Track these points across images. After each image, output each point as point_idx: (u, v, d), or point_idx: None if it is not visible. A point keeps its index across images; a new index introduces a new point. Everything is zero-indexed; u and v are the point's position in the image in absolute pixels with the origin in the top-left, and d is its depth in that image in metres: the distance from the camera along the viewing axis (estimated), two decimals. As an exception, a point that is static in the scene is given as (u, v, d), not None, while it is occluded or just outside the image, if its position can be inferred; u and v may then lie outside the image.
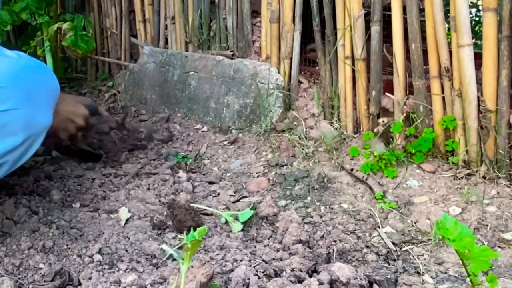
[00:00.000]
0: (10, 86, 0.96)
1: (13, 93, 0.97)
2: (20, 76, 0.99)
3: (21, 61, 1.02)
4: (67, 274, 0.96)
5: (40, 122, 1.04)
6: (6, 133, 0.97)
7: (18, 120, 0.98)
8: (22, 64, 1.01)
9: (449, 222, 0.80)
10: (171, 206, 1.21)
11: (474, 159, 1.37)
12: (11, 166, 1.04)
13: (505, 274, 1.03)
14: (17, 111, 0.97)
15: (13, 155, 1.01)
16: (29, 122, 1.00)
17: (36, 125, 1.03)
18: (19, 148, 1.01)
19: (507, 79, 1.27)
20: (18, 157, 1.03)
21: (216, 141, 1.84)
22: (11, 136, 0.98)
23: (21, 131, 0.99)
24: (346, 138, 1.64)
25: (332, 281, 0.95)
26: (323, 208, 1.33)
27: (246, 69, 1.87)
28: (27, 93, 0.99)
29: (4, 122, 0.96)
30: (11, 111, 0.96)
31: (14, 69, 0.98)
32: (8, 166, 1.03)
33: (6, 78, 0.96)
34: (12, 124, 0.97)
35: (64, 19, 2.44)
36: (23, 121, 0.99)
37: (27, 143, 1.02)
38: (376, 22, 1.51)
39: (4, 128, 0.97)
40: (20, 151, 1.02)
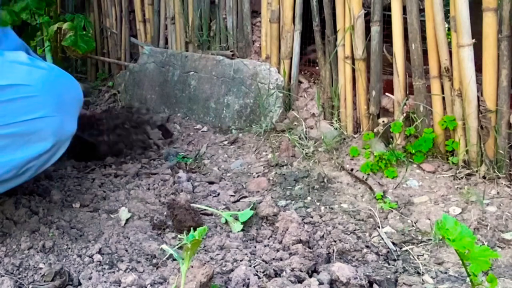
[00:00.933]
0: (44, 95, 1.04)
1: (47, 101, 1.04)
2: (52, 86, 1.07)
3: (53, 72, 1.10)
4: (67, 274, 0.96)
5: (68, 129, 1.11)
6: (37, 139, 1.04)
7: (50, 127, 1.05)
8: (54, 75, 1.09)
9: (449, 222, 0.80)
10: (171, 206, 1.21)
11: (474, 159, 1.37)
12: (35, 171, 1.10)
13: (505, 274, 1.03)
14: (50, 119, 1.05)
15: (40, 160, 1.07)
16: (59, 129, 1.07)
17: (64, 132, 1.10)
18: (47, 153, 1.07)
19: (507, 79, 1.28)
20: (43, 163, 1.09)
21: (216, 141, 1.84)
22: (41, 141, 1.05)
23: (52, 137, 1.06)
24: (346, 138, 1.64)
25: (332, 281, 0.95)
26: (323, 208, 1.33)
27: (246, 69, 1.87)
28: (58, 102, 1.07)
29: (37, 129, 1.04)
30: (45, 119, 1.04)
31: (47, 79, 1.06)
32: (33, 171, 1.09)
33: (41, 87, 1.04)
34: (44, 131, 1.05)
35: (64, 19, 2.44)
36: (55, 127, 1.06)
37: (54, 149, 1.08)
38: (376, 22, 1.51)
39: (36, 134, 1.04)
40: (46, 157, 1.08)
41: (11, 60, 1.03)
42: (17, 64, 1.03)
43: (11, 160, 1.01)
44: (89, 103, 2.36)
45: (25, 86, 1.01)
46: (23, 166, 1.04)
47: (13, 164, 1.02)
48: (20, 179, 1.08)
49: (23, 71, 1.02)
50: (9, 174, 1.03)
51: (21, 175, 1.06)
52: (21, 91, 1.01)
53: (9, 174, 1.03)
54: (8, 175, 1.03)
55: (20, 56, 1.06)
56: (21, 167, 1.04)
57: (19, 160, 1.02)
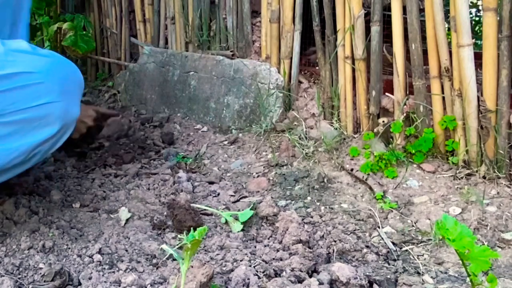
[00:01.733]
0: (48, 81, 1.07)
1: (52, 87, 1.08)
2: (56, 72, 1.10)
3: (55, 59, 1.13)
4: (67, 274, 0.96)
5: (72, 113, 1.14)
6: (45, 124, 1.08)
7: (56, 112, 1.09)
8: (56, 61, 1.12)
9: (449, 222, 0.80)
10: (171, 206, 1.21)
11: (474, 159, 1.37)
12: (42, 155, 1.14)
13: (505, 274, 1.03)
14: (55, 104, 1.08)
15: (47, 144, 1.11)
16: (64, 114, 1.11)
17: (69, 116, 1.13)
18: (54, 137, 1.11)
19: (507, 79, 1.28)
20: (50, 147, 1.14)
21: (216, 141, 1.84)
22: (49, 126, 1.09)
23: (58, 121, 1.10)
24: (346, 138, 1.64)
25: (332, 281, 0.95)
26: (323, 208, 1.33)
27: (246, 69, 1.87)
28: (63, 87, 1.10)
29: (44, 114, 1.07)
30: (50, 104, 1.07)
31: (51, 66, 1.09)
32: (40, 155, 1.13)
33: (44, 74, 1.07)
34: (51, 116, 1.08)
35: (64, 19, 2.44)
36: (61, 112, 1.10)
37: (60, 133, 1.12)
38: (376, 22, 1.51)
39: (44, 119, 1.07)
40: (53, 141, 1.12)
41: (14, 49, 1.06)
42: (20, 52, 1.06)
43: (21, 145, 1.05)
44: (89, 103, 2.36)
45: (30, 73, 1.04)
46: (32, 151, 1.08)
47: (23, 149, 1.06)
48: (28, 164, 1.13)
49: (27, 59, 1.06)
50: (19, 159, 1.07)
51: (30, 159, 1.11)
52: (26, 79, 1.04)
53: (19, 159, 1.07)
54: (18, 159, 1.07)
55: (22, 44, 1.08)
56: (30, 152, 1.08)
57: (28, 145, 1.06)
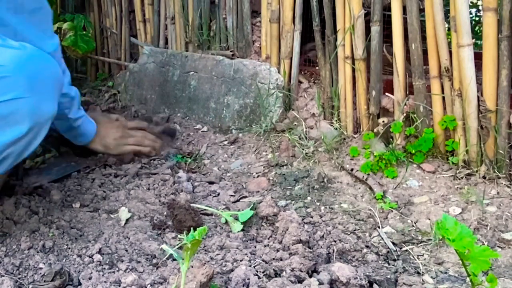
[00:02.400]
0: (15, 76, 0.97)
1: (18, 82, 0.98)
2: (24, 66, 1.00)
3: (25, 51, 1.03)
4: (67, 274, 0.96)
5: (45, 111, 1.05)
6: (12, 123, 0.98)
7: (23, 109, 0.99)
8: (26, 54, 1.02)
9: (449, 222, 0.80)
10: (171, 206, 1.21)
11: (474, 159, 1.37)
12: (15, 158, 1.05)
13: (505, 274, 1.03)
14: (23, 100, 0.98)
15: (18, 145, 1.02)
16: (35, 111, 1.01)
17: (41, 113, 1.04)
18: (25, 138, 1.02)
19: (507, 79, 1.27)
20: (22, 149, 1.04)
21: (216, 141, 1.84)
22: (16, 125, 0.99)
23: (27, 119, 1.00)
24: (346, 138, 1.64)
25: (332, 281, 0.95)
26: (323, 208, 1.33)
27: (246, 69, 1.87)
28: (32, 82, 1.00)
29: (10, 111, 0.97)
30: (17, 100, 0.97)
31: (18, 59, 1.00)
32: (13, 158, 1.04)
33: (11, 68, 0.97)
34: (18, 113, 0.98)
35: (64, 19, 2.44)
36: (29, 109, 1.00)
37: (32, 133, 1.03)
38: (376, 22, 1.51)
39: (10, 117, 0.98)
40: (25, 142, 1.03)
41: None
42: None
43: None
44: (89, 103, 2.36)
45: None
46: (0, 153, 1.00)
47: None
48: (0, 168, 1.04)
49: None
50: None
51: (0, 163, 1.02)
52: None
53: None
54: None
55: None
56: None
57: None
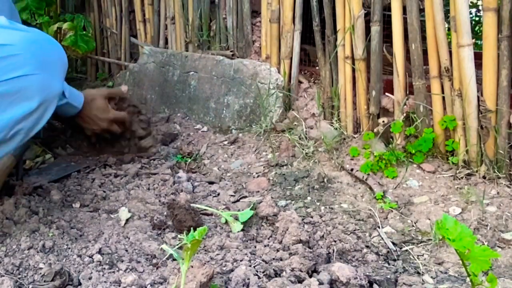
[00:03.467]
0: (26, 53, 1.02)
1: (29, 59, 1.03)
2: (34, 44, 1.05)
3: (33, 32, 1.09)
4: (67, 274, 0.96)
5: (54, 87, 1.09)
6: (22, 98, 1.03)
7: (34, 85, 1.04)
8: (34, 35, 1.08)
9: (449, 222, 0.80)
10: (171, 206, 1.21)
11: (474, 159, 1.37)
12: (25, 134, 1.09)
13: (505, 274, 1.03)
14: (33, 76, 1.03)
15: (29, 121, 1.06)
16: (44, 87, 1.06)
17: (50, 90, 1.08)
18: (34, 114, 1.06)
19: (507, 79, 1.28)
20: (32, 125, 1.08)
21: (216, 141, 1.84)
22: (27, 100, 1.03)
23: (37, 95, 1.04)
24: (346, 138, 1.64)
25: (332, 281, 0.95)
26: (323, 208, 1.33)
27: (246, 69, 1.87)
28: (42, 60, 1.05)
29: (21, 87, 1.02)
30: (28, 76, 1.02)
31: (28, 38, 1.05)
32: (23, 134, 1.08)
33: (22, 46, 1.02)
34: (28, 89, 1.03)
35: (64, 19, 2.44)
36: (39, 85, 1.04)
37: (41, 109, 1.07)
38: (376, 22, 1.51)
39: (21, 93, 1.02)
40: (34, 117, 1.07)
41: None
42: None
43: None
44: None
45: (6, 46, 1.00)
46: (12, 128, 1.03)
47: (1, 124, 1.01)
48: (11, 144, 1.07)
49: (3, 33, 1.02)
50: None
51: (11, 138, 1.06)
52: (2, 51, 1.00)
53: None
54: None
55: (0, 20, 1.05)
56: (9, 129, 1.03)
57: (7, 120, 1.02)
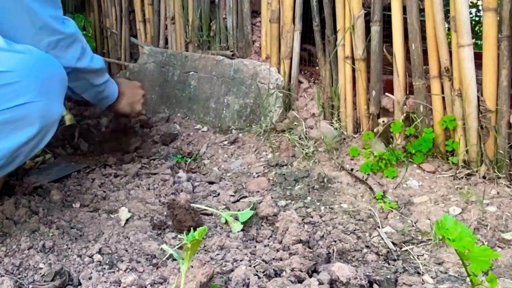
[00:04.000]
0: (27, 80, 1.01)
1: (30, 86, 1.02)
2: (34, 69, 1.03)
3: (33, 55, 1.06)
4: (67, 274, 0.96)
5: (54, 112, 1.09)
6: (24, 125, 1.02)
7: (35, 112, 1.03)
8: (34, 58, 1.06)
9: (449, 222, 0.80)
10: (171, 206, 1.21)
11: (474, 159, 1.37)
12: (25, 157, 1.09)
13: (505, 274, 1.03)
14: (35, 104, 1.02)
15: (29, 146, 1.06)
16: (45, 113, 1.05)
17: (51, 115, 1.08)
18: (35, 139, 1.06)
19: (507, 79, 1.28)
20: (32, 148, 1.08)
21: (216, 141, 1.84)
22: (28, 127, 1.03)
23: (38, 121, 1.04)
24: (346, 138, 1.64)
25: (332, 281, 0.95)
26: (323, 208, 1.33)
27: (246, 69, 1.87)
28: (42, 85, 1.04)
29: (23, 115, 1.01)
30: (29, 104, 1.01)
31: (28, 63, 1.03)
32: (22, 157, 1.08)
33: (22, 73, 1.01)
34: (30, 116, 1.02)
35: (64, 19, 2.44)
36: (40, 112, 1.04)
37: (41, 134, 1.07)
38: (376, 22, 1.51)
39: (22, 120, 1.02)
40: (35, 142, 1.07)
41: None
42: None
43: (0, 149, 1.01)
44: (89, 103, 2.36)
45: (5, 72, 0.99)
46: (12, 153, 1.03)
47: (3, 152, 1.01)
48: (10, 167, 1.08)
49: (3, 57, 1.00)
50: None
51: (11, 162, 1.06)
52: (3, 78, 0.98)
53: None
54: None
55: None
56: (10, 154, 1.03)
57: (8, 148, 1.02)
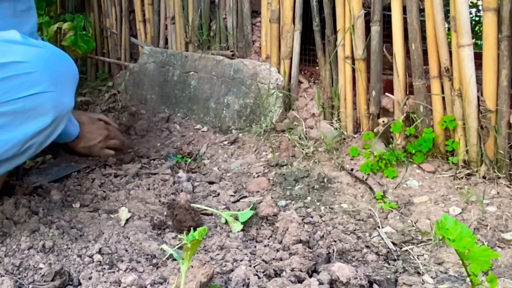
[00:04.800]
0: (41, 71, 1.05)
1: (44, 77, 1.05)
2: (49, 62, 1.08)
3: (48, 49, 1.11)
4: (67, 274, 0.96)
5: (66, 104, 1.12)
6: (38, 115, 1.06)
7: (48, 102, 1.06)
8: (49, 51, 1.11)
9: (449, 222, 0.80)
10: (171, 206, 1.21)
11: (474, 159, 1.37)
12: (37, 148, 1.12)
13: (505, 274, 1.03)
14: (48, 94, 1.06)
15: (41, 136, 1.09)
16: (58, 103, 1.09)
17: (63, 106, 1.11)
18: (47, 129, 1.09)
19: (507, 79, 1.28)
20: (44, 139, 1.11)
21: (216, 141, 1.84)
22: (41, 117, 1.06)
23: (51, 111, 1.07)
24: (346, 138, 1.64)
25: (332, 281, 0.95)
26: (323, 208, 1.33)
27: (246, 69, 1.87)
28: (56, 77, 1.08)
29: (36, 104, 1.05)
30: (43, 94, 1.05)
31: (43, 55, 1.07)
32: (35, 148, 1.11)
33: (37, 64, 1.05)
34: (44, 106, 1.06)
35: (64, 19, 2.44)
36: (53, 102, 1.07)
37: (54, 125, 1.10)
38: (376, 22, 1.51)
39: (36, 110, 1.05)
40: (47, 133, 1.10)
41: (5, 39, 1.05)
42: (11, 43, 1.05)
43: (13, 137, 1.04)
44: (89, 103, 2.36)
45: (22, 63, 1.03)
46: (25, 143, 1.06)
47: (15, 141, 1.04)
48: (22, 157, 1.10)
49: (17, 49, 1.04)
50: (11, 152, 1.05)
51: (24, 152, 1.09)
52: (18, 68, 1.02)
53: (11, 152, 1.05)
54: (10, 152, 1.05)
55: (13, 35, 1.07)
56: (23, 144, 1.06)
57: (21, 137, 1.04)
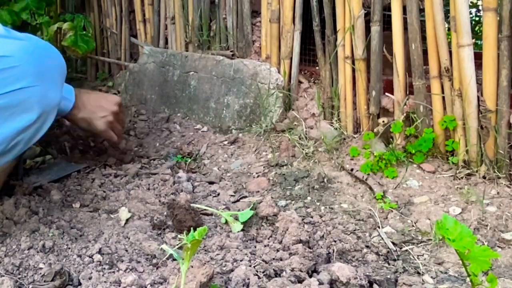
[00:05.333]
0: (25, 65, 1.02)
1: (28, 71, 1.02)
2: (33, 55, 1.04)
3: (32, 41, 1.07)
4: (67, 274, 0.96)
5: (53, 98, 1.09)
6: (23, 110, 1.03)
7: (34, 97, 1.03)
8: (33, 44, 1.07)
9: (449, 222, 0.80)
10: (171, 206, 1.21)
11: (474, 159, 1.37)
12: (24, 145, 1.09)
13: (505, 274, 1.03)
14: (32, 88, 1.03)
15: (28, 132, 1.06)
16: (44, 98, 1.05)
17: (49, 101, 1.08)
18: (34, 125, 1.06)
19: (507, 79, 1.28)
20: (31, 135, 1.08)
21: (216, 141, 1.84)
22: (26, 112, 1.03)
23: (37, 106, 1.04)
24: (346, 138, 1.64)
25: (332, 281, 0.95)
26: (323, 208, 1.33)
27: (246, 69, 1.87)
28: (41, 71, 1.05)
29: (21, 99, 1.01)
30: (28, 88, 1.02)
31: (27, 49, 1.04)
32: (22, 145, 1.08)
33: (21, 58, 1.01)
34: (28, 101, 1.03)
35: (64, 19, 2.44)
36: (39, 97, 1.04)
37: (41, 119, 1.07)
38: (376, 22, 1.51)
39: (21, 105, 1.02)
40: (34, 129, 1.07)
41: None
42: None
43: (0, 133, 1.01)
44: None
45: (4, 57, 0.99)
46: (11, 140, 1.03)
47: (1, 138, 1.01)
48: (10, 155, 1.07)
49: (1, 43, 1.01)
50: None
51: (11, 150, 1.06)
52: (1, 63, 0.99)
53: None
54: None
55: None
56: (9, 141, 1.03)
57: (7, 134, 1.02)
